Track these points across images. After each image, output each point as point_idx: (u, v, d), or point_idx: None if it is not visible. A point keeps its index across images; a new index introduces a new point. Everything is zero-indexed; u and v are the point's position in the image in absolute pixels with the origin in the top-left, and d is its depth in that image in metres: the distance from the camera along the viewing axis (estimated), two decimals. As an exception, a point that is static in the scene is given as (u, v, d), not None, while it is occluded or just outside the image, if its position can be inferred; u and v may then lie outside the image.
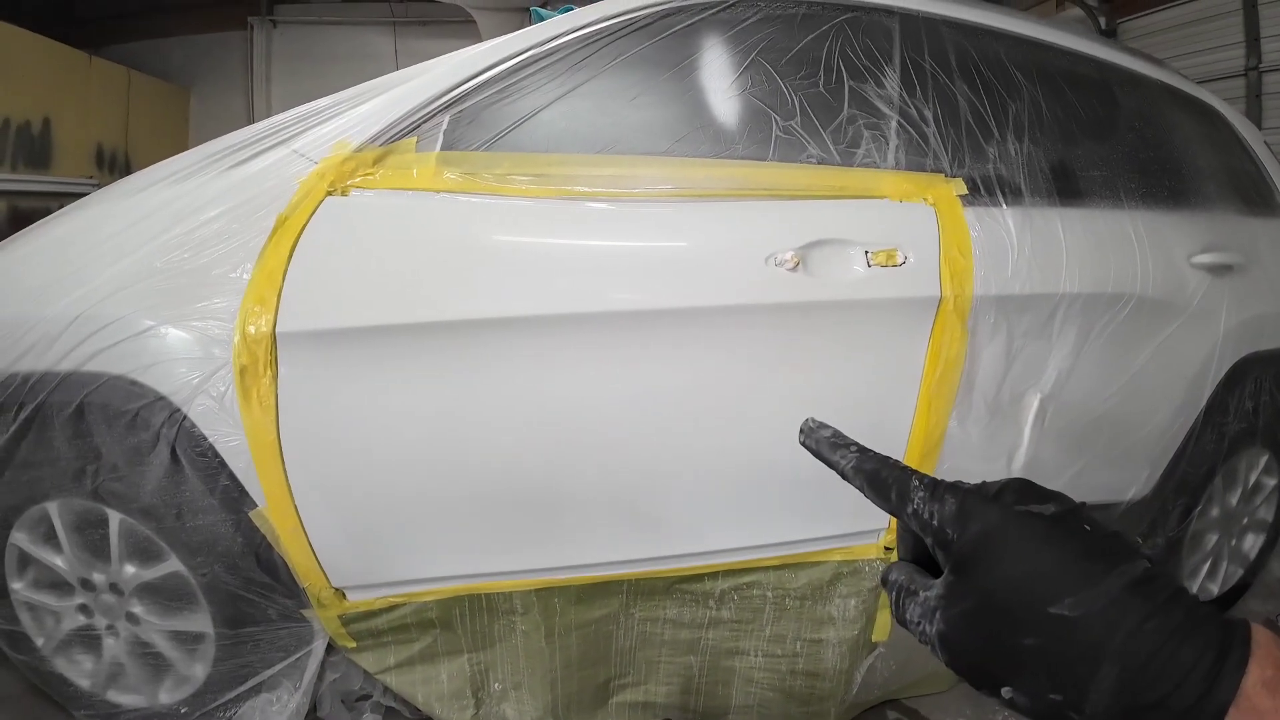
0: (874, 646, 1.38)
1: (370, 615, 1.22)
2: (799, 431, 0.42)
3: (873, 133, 1.25)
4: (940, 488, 0.36)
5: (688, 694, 1.37)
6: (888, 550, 1.31)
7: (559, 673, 1.29)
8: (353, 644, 1.25)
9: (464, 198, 1.13)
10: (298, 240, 1.08)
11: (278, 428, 1.08)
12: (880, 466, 0.38)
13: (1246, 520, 1.84)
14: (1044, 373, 1.30)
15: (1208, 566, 1.76)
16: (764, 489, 1.24)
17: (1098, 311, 1.33)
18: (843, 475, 0.40)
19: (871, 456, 0.39)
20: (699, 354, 1.17)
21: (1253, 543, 1.87)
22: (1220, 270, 1.52)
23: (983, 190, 1.28)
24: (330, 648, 1.29)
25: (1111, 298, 1.34)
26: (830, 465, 0.41)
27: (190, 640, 1.28)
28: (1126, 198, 1.44)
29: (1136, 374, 1.40)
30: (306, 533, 1.14)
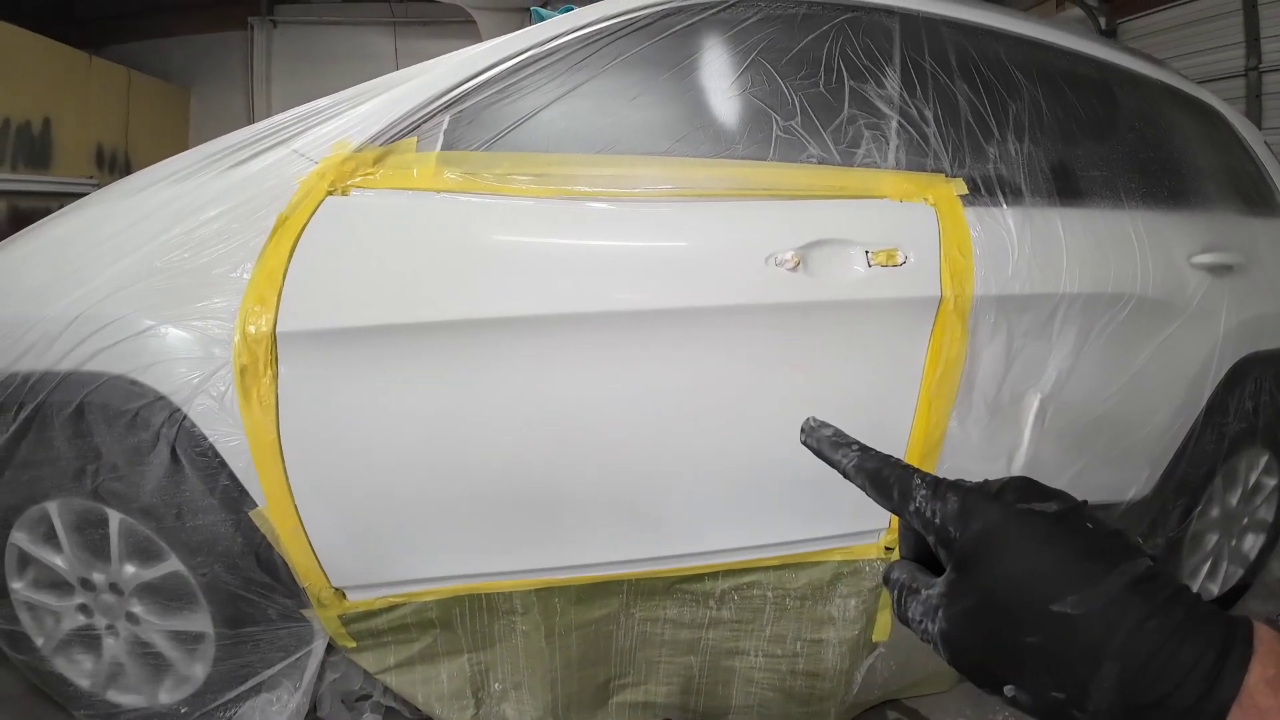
0: (874, 646, 1.38)
1: (370, 615, 1.22)
2: (800, 431, 0.42)
3: (873, 133, 1.25)
4: (942, 486, 0.36)
5: (688, 694, 1.37)
6: (888, 550, 1.31)
7: (559, 673, 1.29)
8: (353, 644, 1.25)
9: (464, 197, 1.13)
10: (298, 240, 1.08)
11: (278, 427, 1.08)
12: (882, 465, 0.38)
13: (1246, 520, 1.84)
14: (1044, 373, 1.30)
15: (1208, 567, 1.76)
16: (764, 489, 1.24)
17: (1098, 311, 1.33)
18: (844, 474, 0.40)
19: (873, 455, 0.39)
20: (699, 354, 1.17)
21: (1253, 543, 1.87)
22: (1220, 270, 1.52)
23: (983, 190, 1.28)
24: (330, 648, 1.29)
25: (1111, 298, 1.34)
26: (832, 464, 0.41)
27: (190, 640, 1.28)
28: (1127, 198, 1.44)
29: (1136, 374, 1.40)
30: (306, 532, 1.14)
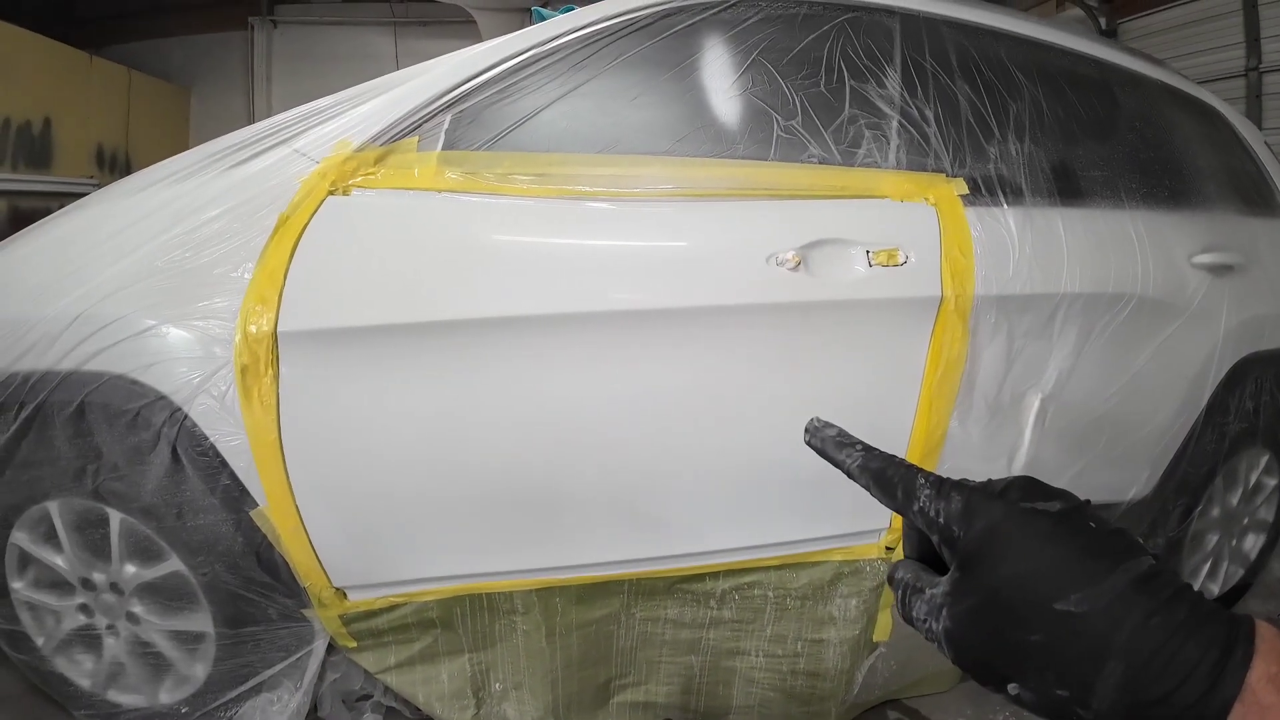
0: (875, 646, 1.38)
1: (371, 615, 1.22)
2: (804, 431, 0.42)
3: (874, 132, 1.25)
4: (946, 485, 0.36)
5: (688, 694, 1.37)
6: (888, 550, 1.31)
7: (560, 673, 1.29)
8: (353, 644, 1.25)
9: (465, 197, 1.13)
10: (299, 239, 1.08)
11: (279, 427, 1.08)
12: (886, 465, 0.39)
13: (1247, 520, 1.84)
14: (1045, 373, 1.30)
15: (1208, 566, 1.76)
16: (765, 489, 1.24)
17: (1098, 311, 1.33)
18: (848, 474, 0.40)
19: (877, 455, 0.39)
20: (700, 354, 1.17)
21: (1253, 543, 1.87)
22: (1221, 270, 1.52)
23: (984, 190, 1.28)
24: (331, 647, 1.29)
25: (1112, 298, 1.34)
26: (836, 464, 0.41)
27: (191, 640, 1.28)
28: (1127, 198, 1.44)
29: (1137, 374, 1.40)
30: (307, 532, 1.14)
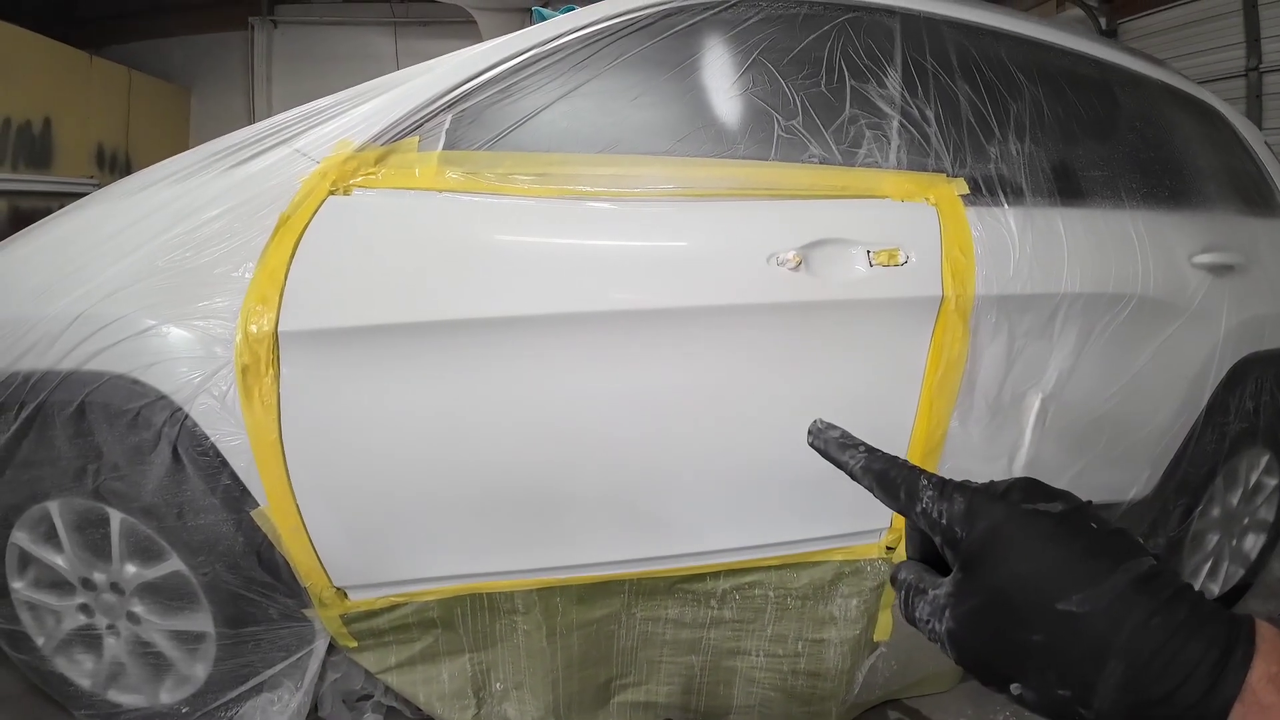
0: (875, 646, 1.38)
1: (372, 615, 1.22)
2: (808, 432, 0.43)
3: (874, 132, 1.25)
4: (948, 487, 0.36)
5: (689, 694, 1.37)
6: (889, 550, 1.31)
7: (560, 672, 1.29)
8: (354, 643, 1.25)
9: (466, 197, 1.13)
10: (300, 239, 1.08)
11: (279, 427, 1.08)
12: (889, 466, 0.39)
13: (1247, 520, 1.84)
14: (1045, 372, 1.30)
15: (1209, 566, 1.76)
16: (765, 489, 1.24)
17: (1099, 311, 1.33)
18: (851, 475, 0.40)
19: (880, 456, 0.39)
20: (700, 354, 1.17)
21: (1253, 543, 1.87)
22: (1221, 270, 1.52)
23: (984, 190, 1.28)
24: (332, 647, 1.29)
25: (1112, 298, 1.34)
26: (839, 465, 0.41)
27: (191, 640, 1.28)
28: (1127, 198, 1.44)
29: (1137, 374, 1.40)
30: (308, 532, 1.14)
